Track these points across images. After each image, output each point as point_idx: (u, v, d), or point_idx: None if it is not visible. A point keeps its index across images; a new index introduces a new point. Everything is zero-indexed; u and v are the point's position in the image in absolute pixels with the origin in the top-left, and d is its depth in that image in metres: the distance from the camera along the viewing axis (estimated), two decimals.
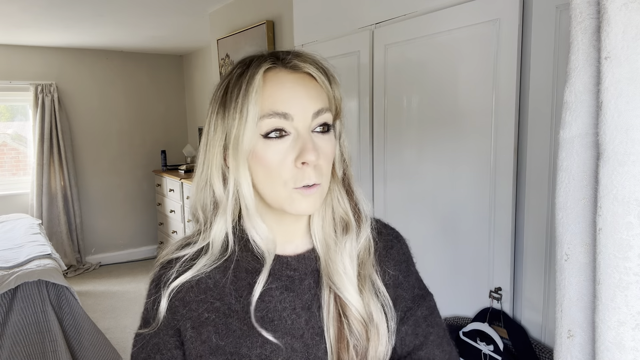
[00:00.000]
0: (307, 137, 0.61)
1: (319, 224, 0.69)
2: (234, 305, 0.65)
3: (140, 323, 0.70)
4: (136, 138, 4.84)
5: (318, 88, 0.63)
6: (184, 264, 0.67)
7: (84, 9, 3.06)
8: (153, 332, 0.67)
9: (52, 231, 4.39)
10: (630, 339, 0.58)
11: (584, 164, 0.65)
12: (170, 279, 0.67)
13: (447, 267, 1.47)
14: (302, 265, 0.68)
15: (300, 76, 0.63)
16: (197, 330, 0.65)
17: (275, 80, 0.61)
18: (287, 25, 2.57)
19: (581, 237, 0.66)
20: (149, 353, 0.67)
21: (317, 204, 0.63)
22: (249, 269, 0.67)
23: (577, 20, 0.63)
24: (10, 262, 2.53)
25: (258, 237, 0.66)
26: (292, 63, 0.63)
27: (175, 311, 0.66)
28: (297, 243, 0.70)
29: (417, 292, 0.74)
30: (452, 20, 1.37)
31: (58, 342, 2.29)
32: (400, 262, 0.74)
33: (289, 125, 0.60)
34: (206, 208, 0.67)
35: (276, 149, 0.60)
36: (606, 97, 0.57)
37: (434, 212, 1.52)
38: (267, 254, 0.66)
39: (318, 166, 0.61)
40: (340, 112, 0.68)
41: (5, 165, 4.46)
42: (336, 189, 0.69)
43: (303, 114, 0.60)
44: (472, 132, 1.36)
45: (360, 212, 0.70)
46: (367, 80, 1.71)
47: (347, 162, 0.71)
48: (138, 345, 0.68)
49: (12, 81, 4.22)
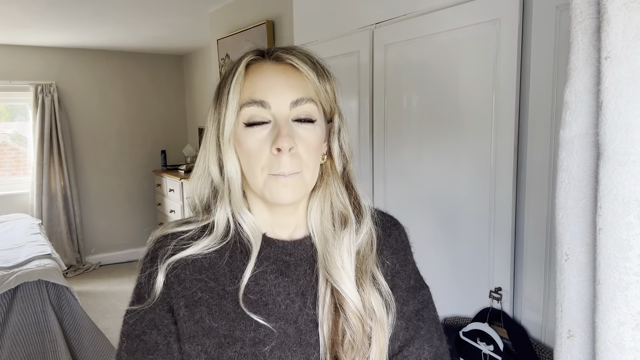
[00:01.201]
0: (284, 124, 0.62)
1: (317, 217, 0.69)
2: (228, 287, 0.65)
3: (132, 299, 0.68)
4: (136, 138, 4.84)
5: (301, 79, 0.65)
6: (182, 240, 0.67)
7: (84, 9, 3.06)
8: (148, 307, 0.65)
9: (52, 231, 4.39)
10: (630, 339, 0.58)
11: (584, 164, 0.65)
12: (167, 253, 0.66)
13: (447, 267, 1.47)
14: (297, 250, 0.69)
15: (283, 67, 0.65)
16: (190, 310, 0.64)
17: (257, 70, 0.65)
18: (287, 25, 2.57)
19: (581, 237, 0.66)
20: (143, 329, 0.65)
21: (298, 194, 0.64)
22: (244, 253, 0.67)
23: (577, 20, 0.63)
24: (10, 262, 2.53)
25: (244, 223, 0.67)
26: (275, 54, 0.66)
27: (170, 287, 0.65)
28: (292, 230, 0.71)
29: (412, 284, 0.74)
30: (452, 20, 1.37)
31: (58, 342, 2.29)
32: (398, 250, 0.75)
33: (267, 114, 0.63)
34: (204, 196, 0.69)
35: (255, 136, 0.63)
36: (606, 97, 0.57)
37: (434, 212, 1.51)
38: (252, 239, 0.67)
39: (296, 154, 0.62)
40: (335, 107, 0.69)
41: (5, 165, 4.46)
42: (335, 183, 0.70)
43: (280, 102, 0.62)
44: (472, 132, 1.36)
45: (360, 207, 0.71)
46: (367, 80, 1.71)
47: (347, 157, 0.71)
48: (131, 321, 0.66)
49: (12, 81, 4.22)
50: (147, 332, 0.64)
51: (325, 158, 0.70)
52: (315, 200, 0.70)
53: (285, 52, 0.66)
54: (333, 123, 0.70)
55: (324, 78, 0.66)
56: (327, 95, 0.67)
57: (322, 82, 0.66)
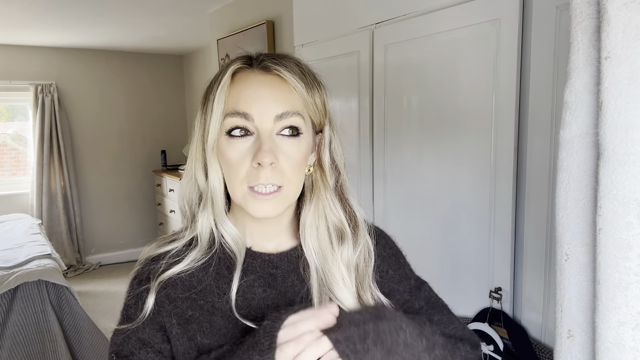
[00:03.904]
0: (266, 138, 0.61)
1: (313, 235, 0.67)
2: (217, 302, 0.65)
3: (120, 320, 0.67)
4: (136, 138, 4.84)
5: (288, 91, 0.62)
6: (171, 257, 0.67)
7: (84, 9, 3.06)
8: (136, 327, 0.64)
9: (52, 231, 4.39)
10: (630, 339, 0.58)
11: (584, 164, 0.65)
12: (158, 272, 0.66)
13: (447, 267, 1.47)
14: (284, 263, 0.68)
15: (270, 78, 0.63)
16: (183, 327, 0.64)
17: (243, 80, 0.63)
18: (287, 25, 2.57)
19: (581, 237, 0.66)
20: (131, 349, 0.64)
21: (278, 208, 0.62)
22: (230, 266, 0.66)
23: (577, 20, 0.63)
24: (10, 262, 2.53)
25: (227, 235, 0.66)
26: (263, 64, 0.63)
27: (161, 306, 0.65)
28: (279, 241, 0.70)
29: (413, 284, 0.75)
30: (452, 20, 1.37)
31: (58, 342, 2.29)
32: (389, 257, 0.75)
33: (250, 125, 0.61)
34: (192, 202, 0.69)
35: (237, 147, 0.61)
36: (606, 97, 0.57)
37: (434, 212, 1.51)
38: (237, 252, 0.66)
39: (278, 169, 0.61)
40: (325, 119, 0.67)
41: (5, 165, 4.45)
42: (328, 196, 0.68)
43: (264, 116, 0.61)
44: (472, 132, 1.36)
45: (356, 220, 0.69)
46: (367, 80, 1.71)
47: (339, 169, 0.69)
48: (118, 341, 0.65)
49: (12, 81, 4.22)
50: (135, 352, 0.64)
51: (312, 170, 0.68)
52: (308, 216, 0.67)
53: (273, 62, 0.63)
54: (323, 134, 0.68)
55: (313, 89, 0.64)
56: (315, 107, 0.65)
57: (311, 94, 0.64)
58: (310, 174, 0.69)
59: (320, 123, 0.67)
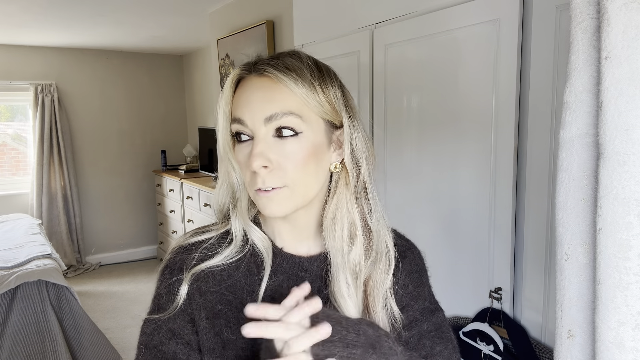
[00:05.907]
0: (258, 142, 0.61)
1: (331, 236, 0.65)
2: (246, 300, 0.65)
3: (150, 309, 0.67)
4: (136, 138, 4.84)
5: (279, 92, 0.61)
6: (205, 250, 0.67)
7: (84, 9, 3.06)
8: (168, 317, 0.65)
9: (52, 231, 4.39)
10: (630, 339, 0.58)
11: (584, 164, 0.65)
12: (191, 263, 0.66)
13: (447, 267, 1.47)
14: (313, 267, 0.68)
15: (262, 81, 0.62)
16: (211, 322, 0.64)
17: (241, 86, 0.64)
18: (287, 25, 2.57)
19: (581, 237, 0.66)
20: (161, 339, 0.64)
21: (285, 207, 0.62)
22: (259, 265, 0.67)
23: (577, 20, 0.63)
24: (10, 262, 2.53)
25: (253, 236, 0.67)
26: (256, 67, 0.63)
27: (192, 298, 0.65)
28: (309, 244, 0.69)
29: (427, 306, 0.73)
30: (452, 20, 1.37)
31: (58, 342, 2.29)
32: (412, 272, 0.74)
33: (247, 130, 0.62)
34: (224, 205, 0.70)
35: (242, 151, 0.63)
36: (606, 97, 0.57)
37: (434, 212, 1.51)
38: (265, 253, 0.66)
39: (278, 170, 0.61)
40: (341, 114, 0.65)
41: (5, 165, 4.46)
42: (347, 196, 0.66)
43: (254, 120, 0.61)
44: (472, 132, 1.36)
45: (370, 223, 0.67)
46: (367, 80, 1.71)
47: (360, 165, 0.66)
48: (148, 331, 0.65)
49: (12, 81, 4.22)
50: (165, 342, 0.64)
51: (338, 168, 0.66)
52: (327, 216, 0.66)
53: (265, 64, 0.62)
54: (343, 129, 0.65)
55: (314, 85, 0.62)
56: (319, 103, 0.62)
57: (312, 91, 0.61)
58: (337, 171, 0.67)
59: (335, 118, 0.64)
